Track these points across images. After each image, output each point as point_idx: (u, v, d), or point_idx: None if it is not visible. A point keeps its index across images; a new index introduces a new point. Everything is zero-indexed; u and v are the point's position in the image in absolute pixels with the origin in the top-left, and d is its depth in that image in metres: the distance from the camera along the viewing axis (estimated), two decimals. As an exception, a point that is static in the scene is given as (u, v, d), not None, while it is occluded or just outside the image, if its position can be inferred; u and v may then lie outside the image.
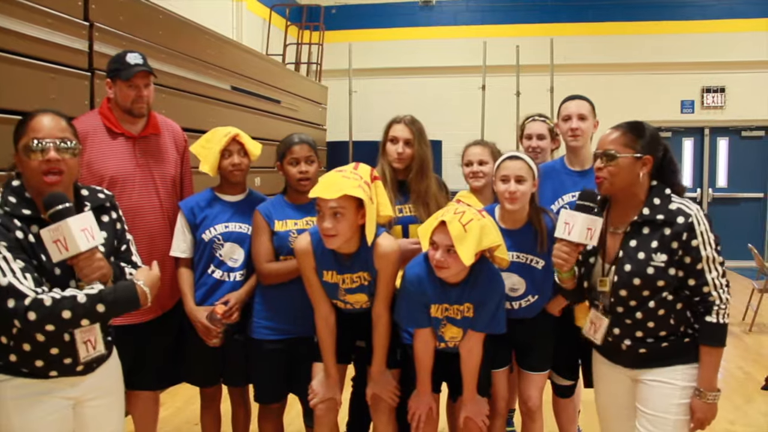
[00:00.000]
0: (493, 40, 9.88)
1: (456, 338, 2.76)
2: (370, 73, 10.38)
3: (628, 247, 2.47)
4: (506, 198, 2.87)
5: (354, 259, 2.74)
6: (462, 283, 2.69)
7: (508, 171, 2.88)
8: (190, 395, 4.17)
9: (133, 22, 4.51)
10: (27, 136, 2.15)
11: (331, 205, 2.57)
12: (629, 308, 2.47)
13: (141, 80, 3.01)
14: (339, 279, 2.78)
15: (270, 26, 9.64)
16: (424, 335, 2.76)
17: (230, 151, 3.09)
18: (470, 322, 2.74)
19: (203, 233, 3.10)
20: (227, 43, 6.42)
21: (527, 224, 2.94)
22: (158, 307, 3.13)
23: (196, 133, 5.10)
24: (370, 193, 2.63)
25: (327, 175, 2.66)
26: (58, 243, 2.06)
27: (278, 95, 7.52)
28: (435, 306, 2.72)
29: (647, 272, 2.40)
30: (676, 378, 2.44)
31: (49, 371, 2.18)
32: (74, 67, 3.86)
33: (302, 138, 3.12)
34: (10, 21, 3.35)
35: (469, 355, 2.78)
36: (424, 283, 2.70)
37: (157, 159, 3.15)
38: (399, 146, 3.18)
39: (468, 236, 2.53)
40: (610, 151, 2.46)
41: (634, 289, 2.44)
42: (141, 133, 3.11)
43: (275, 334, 3.06)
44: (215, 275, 3.10)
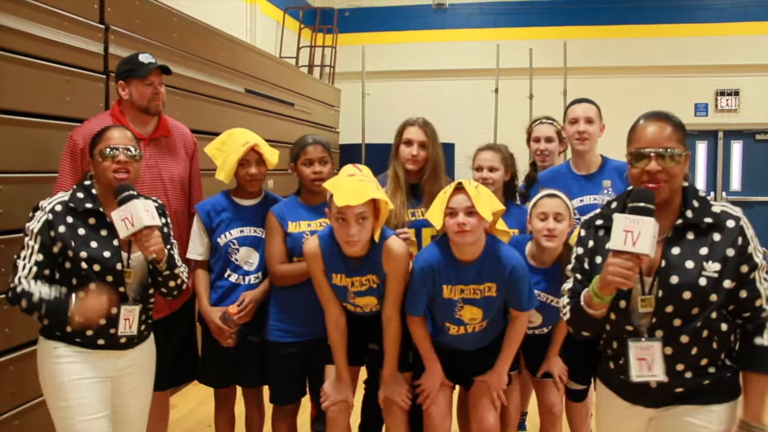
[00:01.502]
0: (506, 43, 9.87)
1: (476, 320, 2.77)
2: (383, 76, 10.37)
3: (672, 256, 2.07)
4: (545, 236, 2.88)
5: (363, 262, 2.75)
6: (478, 261, 2.71)
7: (547, 209, 2.90)
8: (203, 396, 4.19)
9: (148, 24, 4.53)
10: (102, 144, 2.56)
11: (357, 211, 2.59)
12: (672, 331, 2.06)
13: (156, 78, 3.08)
14: (348, 282, 2.79)
15: (283, 29, 9.67)
16: (420, 321, 2.81)
17: (248, 161, 3.08)
18: (494, 302, 2.75)
19: (219, 237, 3.11)
20: (241, 45, 6.44)
21: (556, 264, 2.96)
22: (166, 307, 3.16)
23: (210, 135, 5.10)
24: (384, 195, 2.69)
25: (343, 182, 2.64)
26: (126, 221, 2.44)
27: (291, 98, 7.54)
28: (448, 287, 2.73)
29: (699, 284, 2.02)
30: (712, 421, 2.07)
31: (97, 340, 2.53)
32: (90, 70, 3.88)
33: (316, 139, 3.13)
34: (27, 24, 3.37)
35: (515, 334, 2.84)
36: (437, 266, 2.72)
37: (166, 161, 3.18)
38: (414, 148, 3.18)
39: (482, 197, 2.63)
40: (674, 150, 2.04)
41: (682, 305, 2.04)
42: (151, 135, 3.14)
43: (290, 336, 3.08)
44: (231, 279, 3.12)
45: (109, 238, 2.54)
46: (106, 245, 2.53)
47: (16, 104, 3.32)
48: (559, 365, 3.10)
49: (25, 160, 3.34)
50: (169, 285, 2.69)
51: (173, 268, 2.66)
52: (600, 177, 3.26)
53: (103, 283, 2.49)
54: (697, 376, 2.08)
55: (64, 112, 3.62)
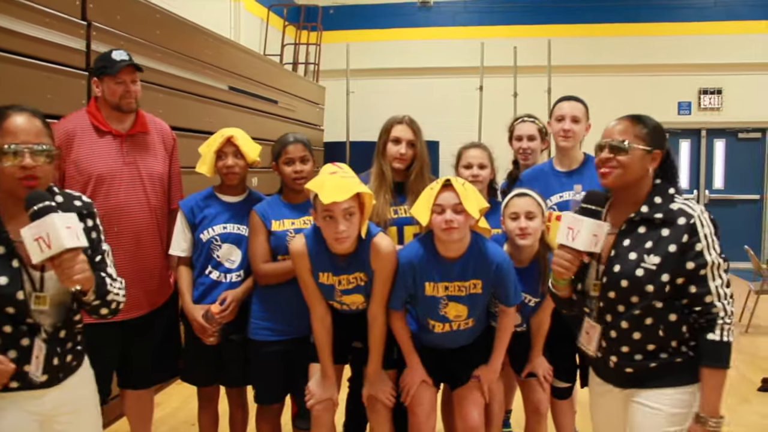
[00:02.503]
0: (490, 41, 9.88)
1: (461, 317, 2.77)
2: (367, 74, 10.37)
3: (621, 247, 2.26)
4: (518, 234, 2.88)
5: (350, 260, 2.74)
6: (463, 258, 2.72)
7: (518, 208, 2.90)
8: (187, 395, 4.17)
9: (131, 21, 4.50)
10: (2, 138, 1.99)
11: (344, 207, 2.59)
12: (617, 315, 2.24)
13: (127, 76, 3.04)
14: (335, 280, 2.78)
15: (268, 26, 9.64)
16: (400, 315, 2.82)
17: (225, 152, 3.09)
18: (484, 299, 2.78)
19: (201, 233, 3.10)
20: (225, 43, 6.41)
21: (533, 263, 2.97)
22: (147, 305, 3.15)
23: (194, 133, 5.13)
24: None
25: (326, 180, 2.63)
26: (40, 240, 1.89)
27: (276, 95, 7.51)
28: (431, 285, 2.73)
29: (636, 274, 2.19)
30: (664, 403, 2.20)
31: (9, 382, 2.01)
32: (71, 67, 3.85)
33: (297, 137, 3.12)
34: (8, 20, 3.34)
35: (505, 331, 2.87)
36: (420, 262, 2.72)
37: (144, 157, 3.15)
38: (402, 147, 3.16)
39: (469, 194, 2.64)
40: (622, 141, 2.23)
41: (621, 293, 2.22)
42: (128, 132, 3.11)
43: (273, 335, 3.06)
44: (212, 276, 3.11)
45: (6, 258, 2.02)
46: (2, 268, 2.00)
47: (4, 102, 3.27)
48: (543, 365, 3.11)
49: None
50: (101, 312, 2.17)
51: (104, 295, 2.13)
52: (580, 174, 3.28)
53: None
54: (646, 359, 2.23)
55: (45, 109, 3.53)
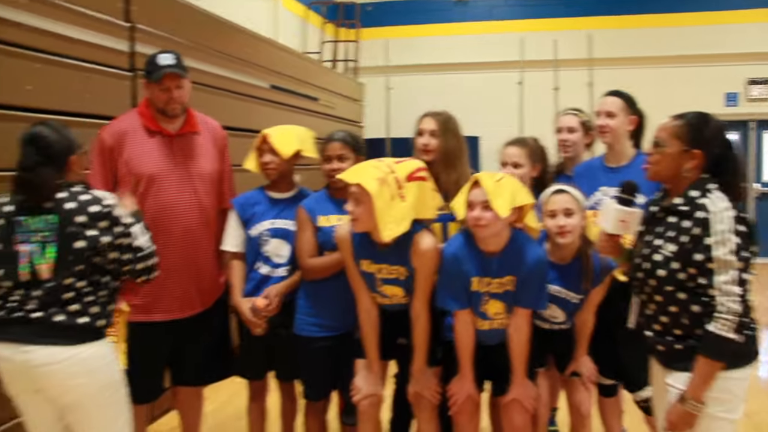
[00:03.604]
0: (530, 34, 9.82)
1: (500, 315, 2.76)
2: (406, 70, 10.36)
3: (652, 232, 2.41)
4: (556, 233, 2.84)
5: (390, 251, 2.74)
6: (501, 253, 2.70)
7: (556, 205, 2.86)
8: (235, 390, 4.19)
9: (174, 22, 4.57)
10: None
11: (352, 189, 2.65)
12: (647, 296, 2.40)
13: (171, 82, 3.02)
14: (375, 269, 2.79)
15: (307, 24, 9.69)
16: (464, 316, 2.77)
17: (262, 150, 3.17)
18: (513, 296, 2.74)
19: (251, 229, 3.17)
20: (264, 41, 6.45)
21: (575, 260, 2.92)
22: (199, 304, 3.18)
23: (236, 131, 5.17)
24: (392, 190, 2.65)
25: (367, 161, 2.79)
26: None
27: (316, 93, 7.54)
28: (476, 279, 2.72)
29: (653, 258, 2.34)
30: (678, 382, 2.31)
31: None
32: (116, 68, 3.91)
33: (337, 136, 3.16)
34: (52, 23, 3.41)
35: (517, 334, 2.78)
36: (464, 256, 2.71)
37: (194, 157, 3.17)
38: (424, 138, 3.16)
39: (501, 190, 2.62)
40: (658, 139, 2.41)
41: (645, 274, 2.38)
42: (179, 131, 3.14)
43: (320, 330, 3.08)
44: (262, 271, 3.17)
45: None
46: None
47: (44, 103, 3.36)
48: (587, 365, 3.06)
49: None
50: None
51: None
52: (628, 169, 3.22)
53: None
54: (675, 341, 2.34)
55: (89, 110, 3.65)
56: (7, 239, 2.42)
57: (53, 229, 2.41)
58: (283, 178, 3.23)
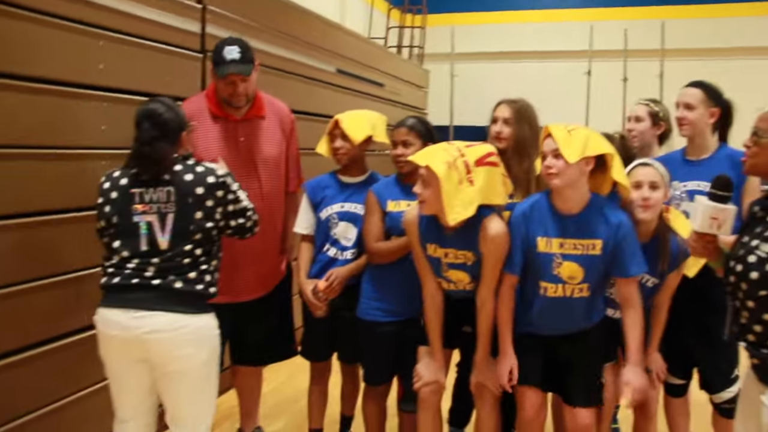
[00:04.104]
0: (599, 23, 9.59)
1: (576, 279, 2.65)
2: (472, 57, 10.24)
3: (750, 232, 2.17)
4: (640, 205, 2.75)
5: (458, 235, 2.71)
6: (581, 214, 2.64)
7: (641, 177, 2.78)
8: (294, 370, 4.20)
9: (244, 4, 4.60)
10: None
11: (420, 172, 2.65)
12: (740, 302, 2.14)
13: (237, 76, 3.02)
14: (442, 253, 2.77)
15: (372, 9, 9.66)
16: (511, 281, 2.72)
17: (334, 135, 3.20)
18: (601, 262, 2.64)
19: (321, 211, 3.23)
20: (332, 26, 6.45)
21: (652, 240, 2.82)
22: (261, 288, 3.23)
23: (302, 114, 5.19)
24: (460, 174, 2.61)
25: (437, 144, 2.81)
26: None
27: (381, 78, 7.52)
28: (543, 240, 2.65)
29: (747, 260, 2.07)
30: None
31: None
32: (188, 49, 3.95)
33: (403, 122, 3.15)
34: (126, 3, 3.44)
35: (629, 309, 2.69)
36: (534, 215, 2.67)
37: (259, 141, 3.19)
38: (498, 125, 3.12)
39: (573, 139, 2.56)
40: (757, 129, 2.16)
41: (738, 278, 2.12)
42: (244, 116, 3.15)
43: (384, 315, 3.08)
44: (329, 253, 3.21)
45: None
46: None
47: (116, 82, 3.40)
48: (658, 361, 2.94)
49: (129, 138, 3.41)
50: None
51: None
52: (709, 163, 3.11)
53: None
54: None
55: (163, 91, 3.67)
56: (125, 211, 2.51)
57: (173, 200, 2.51)
58: (354, 162, 3.24)
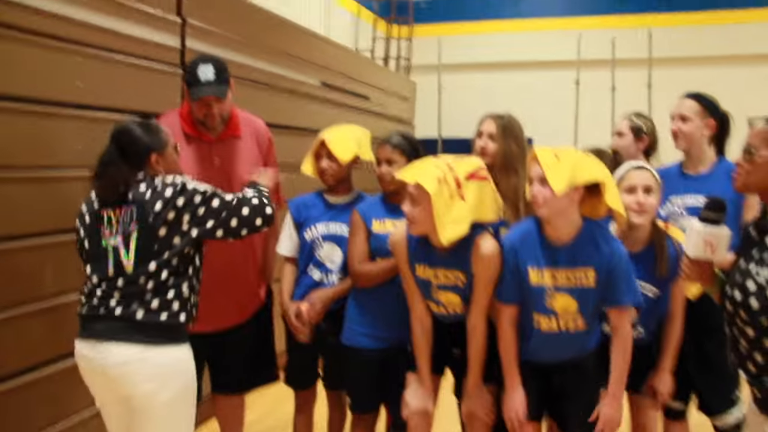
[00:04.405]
0: (587, 32, 9.51)
1: (570, 311, 2.51)
2: (459, 68, 10.15)
3: (748, 255, 2.07)
4: (634, 210, 2.65)
5: (449, 255, 2.59)
6: (573, 243, 2.50)
7: (635, 180, 2.69)
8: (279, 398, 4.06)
9: (225, 17, 4.50)
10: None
11: (409, 189, 2.52)
12: (739, 331, 2.06)
13: (211, 98, 2.90)
14: (431, 274, 2.65)
15: (359, 21, 9.58)
16: (510, 312, 2.58)
17: (320, 154, 3.08)
18: (594, 294, 2.51)
19: (305, 232, 3.12)
20: (316, 38, 6.36)
21: (648, 247, 2.72)
22: (238, 315, 3.11)
23: (285, 129, 5.09)
24: (451, 189, 2.50)
25: (423, 159, 2.67)
26: None
27: (367, 91, 7.42)
28: (535, 271, 2.52)
29: (746, 286, 1.98)
30: None
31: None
32: (166, 63, 3.84)
33: (387, 139, 3.03)
34: (102, 18, 3.34)
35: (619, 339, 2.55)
36: (524, 244, 2.53)
37: (235, 163, 3.06)
38: (482, 140, 3.04)
39: (560, 165, 2.39)
40: (749, 146, 2.08)
41: (735, 305, 2.03)
42: (219, 137, 3.02)
43: (370, 341, 2.96)
44: (314, 276, 3.11)
45: None
46: None
47: (94, 99, 3.30)
48: (667, 384, 2.79)
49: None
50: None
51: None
52: (708, 178, 3.03)
53: None
54: None
55: (140, 107, 3.58)
56: (94, 234, 2.42)
57: (135, 219, 2.38)
58: (341, 182, 3.13)
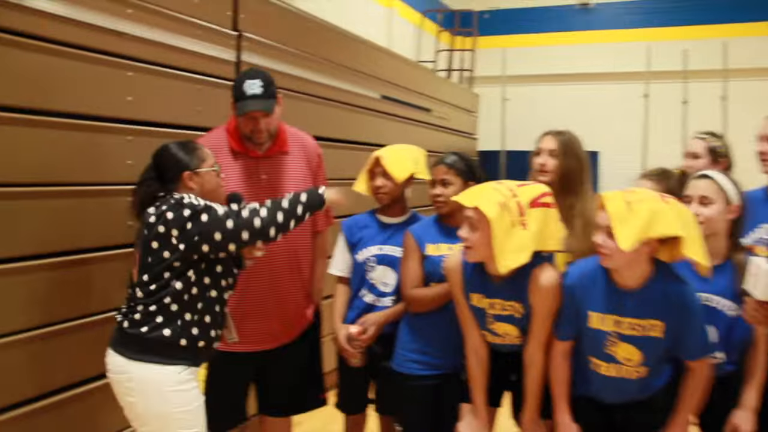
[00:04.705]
0: (657, 44, 9.23)
1: (632, 361, 2.34)
2: (523, 80, 9.97)
3: None
4: None
5: (506, 284, 2.45)
6: (642, 290, 2.30)
7: (691, 190, 2.54)
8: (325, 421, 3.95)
9: (282, 31, 4.43)
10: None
11: (467, 214, 2.39)
12: None
13: (258, 112, 2.80)
14: (487, 303, 2.51)
15: (421, 33, 9.50)
16: (563, 348, 2.44)
17: (374, 172, 2.98)
18: (661, 344, 2.33)
19: (357, 253, 3.03)
20: (378, 50, 6.27)
21: (726, 263, 2.51)
22: (283, 336, 3.01)
23: (344, 143, 5.02)
24: (513, 216, 2.35)
25: (484, 183, 2.53)
26: None
27: (429, 103, 7.31)
28: (597, 315, 2.35)
29: None
30: None
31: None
32: (222, 78, 3.79)
33: (442, 159, 2.91)
34: (157, 32, 3.31)
35: (697, 392, 2.38)
36: (587, 286, 2.37)
37: (283, 179, 2.95)
38: (542, 157, 2.89)
39: (631, 216, 2.19)
40: None
41: None
42: (267, 153, 2.93)
43: (421, 368, 2.83)
44: (366, 299, 3.01)
45: None
46: None
47: (146, 115, 3.26)
48: (749, 424, 2.49)
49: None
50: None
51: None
52: None
53: None
54: None
55: (196, 122, 3.55)
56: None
57: (142, 233, 2.43)
58: (396, 202, 3.03)
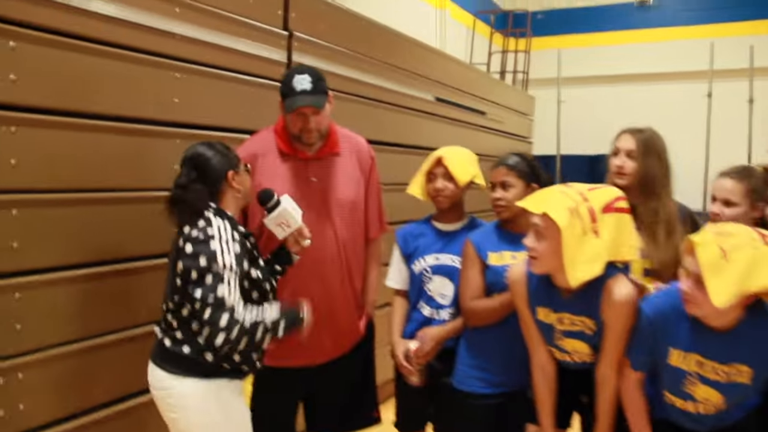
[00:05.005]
0: (721, 40, 8.95)
1: (711, 402, 2.12)
2: (579, 82, 9.75)
3: None
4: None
5: (575, 298, 2.26)
6: (732, 333, 2.05)
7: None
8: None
9: (334, 31, 4.31)
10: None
11: (533, 221, 2.21)
12: None
13: (307, 108, 2.64)
14: (555, 318, 2.32)
15: (474, 34, 9.35)
16: (637, 377, 2.24)
17: (435, 174, 2.79)
18: (750, 391, 2.09)
19: (413, 264, 2.85)
20: (430, 51, 6.12)
21: None
22: (336, 349, 2.85)
23: (398, 147, 4.87)
24: (584, 223, 2.16)
25: (550, 187, 2.35)
26: (282, 225, 2.50)
27: (483, 106, 7.13)
28: (678, 353, 2.12)
29: None
30: None
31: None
32: (272, 79, 3.68)
33: (502, 160, 2.71)
34: (205, 32, 3.21)
35: None
36: (668, 322, 2.13)
37: (334, 182, 2.79)
38: (619, 158, 2.71)
39: (728, 267, 1.91)
40: None
41: None
42: (317, 154, 2.77)
43: (484, 386, 2.65)
44: (424, 312, 2.83)
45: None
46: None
47: (194, 117, 3.17)
48: None
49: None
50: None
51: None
52: None
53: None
54: None
55: (246, 124, 3.44)
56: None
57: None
58: (455, 207, 2.84)
